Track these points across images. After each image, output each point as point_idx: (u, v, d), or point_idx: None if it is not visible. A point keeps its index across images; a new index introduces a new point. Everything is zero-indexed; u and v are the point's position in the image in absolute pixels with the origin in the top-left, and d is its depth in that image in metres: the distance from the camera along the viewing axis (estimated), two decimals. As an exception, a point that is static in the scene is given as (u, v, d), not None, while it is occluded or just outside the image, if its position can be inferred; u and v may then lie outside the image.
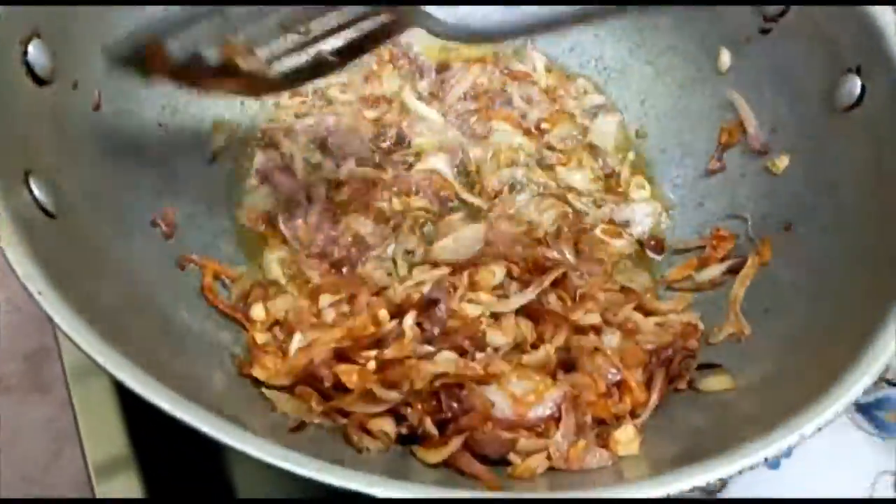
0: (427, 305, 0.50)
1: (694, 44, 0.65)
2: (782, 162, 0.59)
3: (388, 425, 0.46)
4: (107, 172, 0.53)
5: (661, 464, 0.43)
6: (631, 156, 0.66)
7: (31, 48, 0.48)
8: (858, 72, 0.54)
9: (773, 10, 0.60)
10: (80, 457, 0.36)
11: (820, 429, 0.38)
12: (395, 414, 0.47)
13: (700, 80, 0.65)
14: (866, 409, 0.58)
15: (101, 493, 0.51)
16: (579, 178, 0.64)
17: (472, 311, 0.51)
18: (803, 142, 0.58)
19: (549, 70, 0.70)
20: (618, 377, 0.48)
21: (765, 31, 0.61)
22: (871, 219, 0.50)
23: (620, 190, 0.64)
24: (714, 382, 0.49)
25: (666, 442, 0.47)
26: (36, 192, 0.45)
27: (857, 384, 0.39)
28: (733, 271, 0.57)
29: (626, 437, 0.45)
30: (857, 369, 0.40)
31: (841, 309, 0.48)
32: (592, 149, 0.66)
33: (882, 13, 0.53)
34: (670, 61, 0.67)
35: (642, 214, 0.63)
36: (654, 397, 0.49)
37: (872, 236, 0.49)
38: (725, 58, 0.64)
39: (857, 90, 0.54)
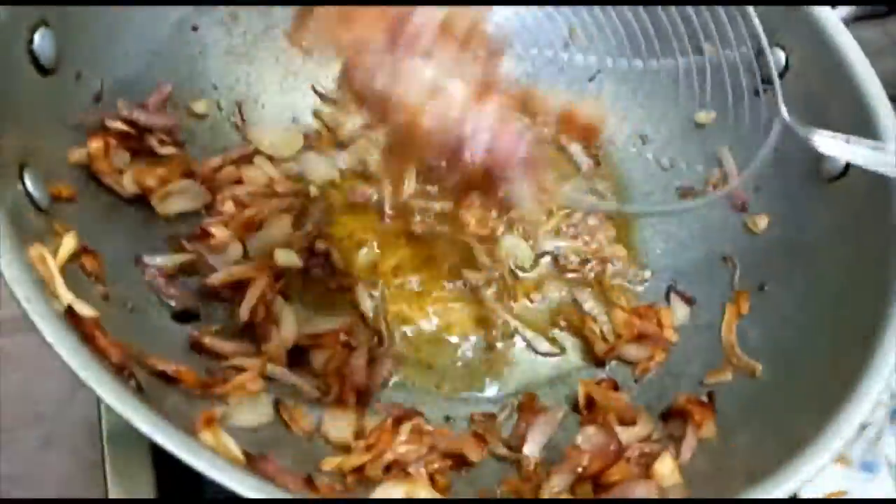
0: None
1: (687, 95, 0.67)
2: (762, 221, 0.61)
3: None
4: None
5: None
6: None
7: (37, 37, 0.48)
8: (846, 145, 0.55)
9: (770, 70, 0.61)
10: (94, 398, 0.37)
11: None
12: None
13: (691, 131, 0.67)
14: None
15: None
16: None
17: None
18: (784, 205, 0.60)
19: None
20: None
21: (758, 93, 0.62)
22: (843, 292, 0.52)
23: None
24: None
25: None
26: (29, 186, 0.45)
27: (815, 462, 0.41)
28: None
29: (668, 469, 0.47)
30: (816, 446, 0.42)
31: (803, 379, 0.49)
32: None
33: (876, 89, 0.55)
34: (664, 109, 0.68)
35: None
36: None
37: (844, 309, 0.51)
38: (703, 116, 0.66)
39: (843, 163, 0.55)
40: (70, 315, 0.39)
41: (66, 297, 0.40)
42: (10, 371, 0.72)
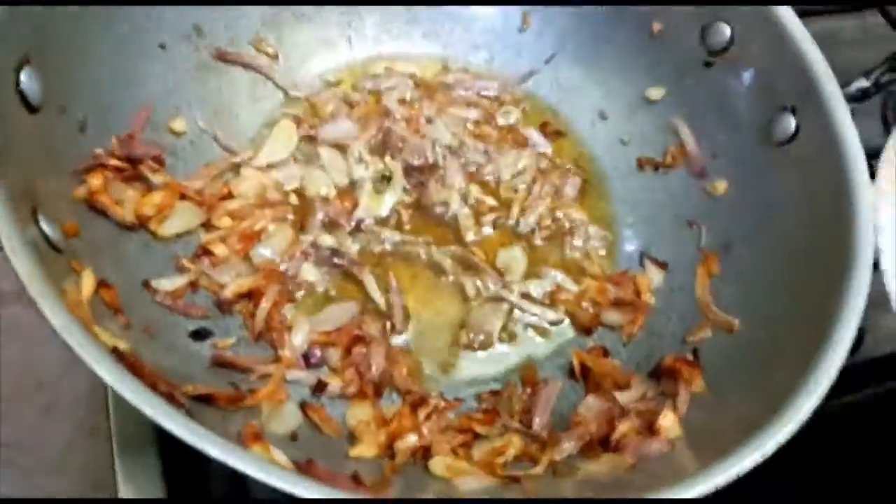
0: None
1: (642, 72, 0.71)
2: (721, 185, 0.65)
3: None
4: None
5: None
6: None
7: (23, 76, 0.48)
8: (794, 111, 0.60)
9: (717, 44, 0.66)
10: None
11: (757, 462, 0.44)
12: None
13: (648, 105, 0.71)
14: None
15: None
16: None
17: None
18: (741, 169, 0.64)
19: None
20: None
21: (708, 65, 0.67)
22: (808, 247, 0.56)
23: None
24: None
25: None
26: (45, 227, 0.46)
27: (802, 408, 0.46)
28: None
29: (670, 422, 0.51)
30: (801, 394, 0.47)
31: (780, 331, 0.54)
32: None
33: (818, 58, 0.59)
34: (619, 87, 0.72)
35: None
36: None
37: (810, 262, 0.55)
38: (655, 92, 0.70)
39: (792, 128, 0.60)
40: (116, 354, 0.41)
41: (105, 336, 0.42)
42: (11, 341, 0.74)
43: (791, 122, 0.60)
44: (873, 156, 0.57)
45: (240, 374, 0.52)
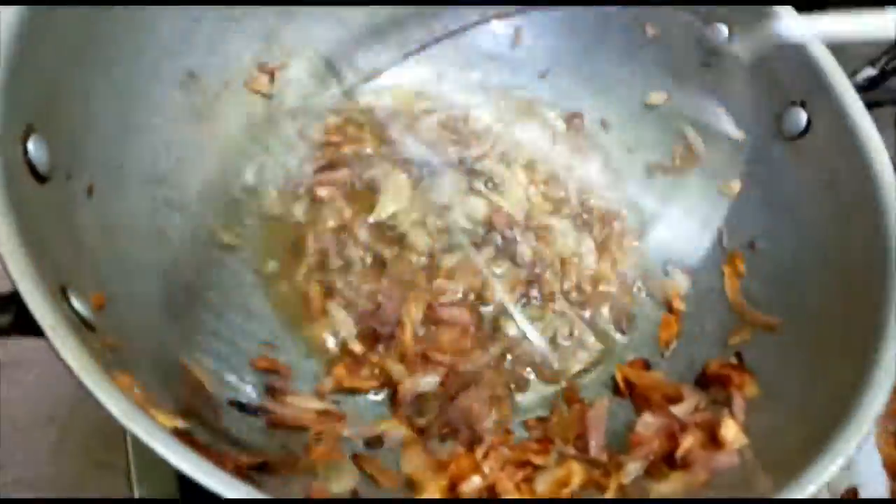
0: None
1: (640, 77, 0.70)
2: (735, 186, 0.65)
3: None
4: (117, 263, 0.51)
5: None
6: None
7: (30, 146, 0.45)
8: (803, 105, 0.60)
9: (714, 44, 0.66)
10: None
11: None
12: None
13: (650, 111, 0.70)
14: None
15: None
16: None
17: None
18: (753, 167, 0.64)
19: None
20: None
21: (706, 65, 0.67)
22: (836, 238, 0.56)
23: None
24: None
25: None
26: (77, 306, 0.43)
27: (872, 406, 0.45)
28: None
29: (733, 432, 0.50)
30: (865, 388, 0.46)
31: (824, 324, 0.54)
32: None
33: (822, 51, 0.59)
34: (619, 95, 0.71)
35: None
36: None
37: (842, 251, 0.55)
38: (656, 97, 0.70)
39: (804, 122, 0.60)
40: (177, 434, 0.38)
41: (164, 418, 0.39)
42: (23, 374, 0.71)
43: (802, 116, 0.60)
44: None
45: (291, 433, 0.50)
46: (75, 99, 0.52)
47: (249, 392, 0.53)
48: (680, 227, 0.67)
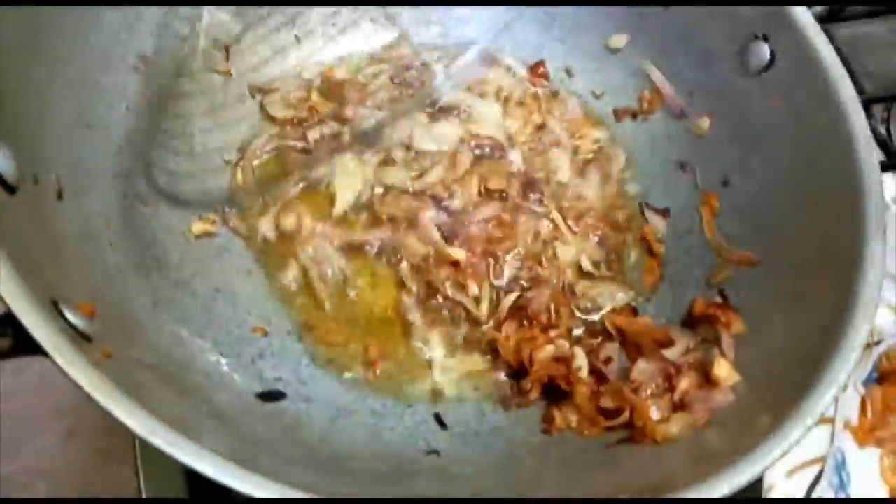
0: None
1: (601, 21, 0.70)
2: (704, 123, 0.66)
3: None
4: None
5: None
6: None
7: (-1, 158, 0.43)
8: (766, 39, 0.61)
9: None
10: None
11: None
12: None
13: (613, 54, 0.70)
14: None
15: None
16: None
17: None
18: (721, 103, 0.65)
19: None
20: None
21: (665, 3, 0.67)
22: (808, 168, 0.57)
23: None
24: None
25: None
26: (72, 319, 0.41)
27: (860, 329, 0.47)
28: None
29: (725, 370, 0.52)
30: (850, 316, 0.47)
31: (801, 256, 0.56)
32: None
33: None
34: (581, 41, 0.71)
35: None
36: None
37: (813, 182, 0.56)
38: (617, 39, 0.70)
39: (767, 56, 0.61)
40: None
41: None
42: (29, 366, 0.69)
43: (765, 50, 0.61)
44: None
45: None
46: (30, 99, 0.50)
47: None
48: (653, 169, 0.68)
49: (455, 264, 0.60)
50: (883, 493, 0.57)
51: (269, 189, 0.62)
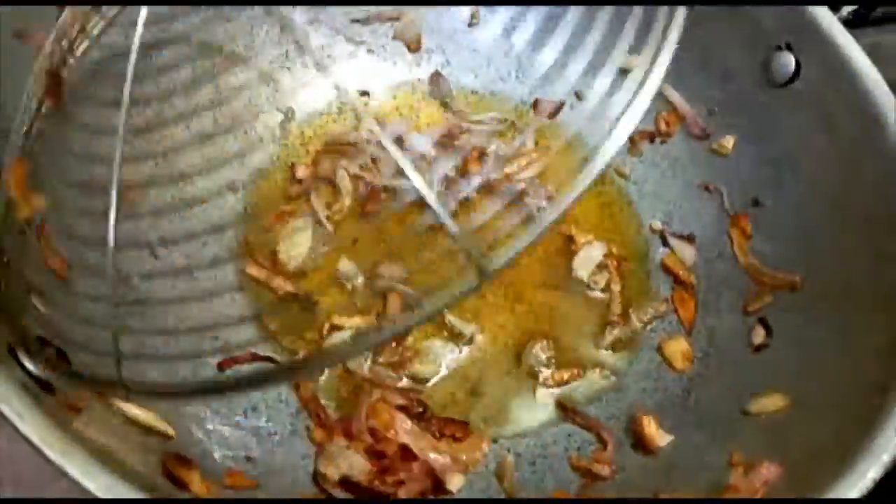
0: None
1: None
2: (728, 142, 0.61)
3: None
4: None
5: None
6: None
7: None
8: (790, 48, 0.57)
9: (686, -4, 0.62)
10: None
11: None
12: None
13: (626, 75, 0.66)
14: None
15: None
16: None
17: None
18: (745, 120, 0.60)
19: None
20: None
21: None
22: (836, 181, 0.53)
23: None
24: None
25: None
26: (29, 366, 0.36)
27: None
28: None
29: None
30: None
31: (843, 270, 0.51)
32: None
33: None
34: (592, 62, 0.67)
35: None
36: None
37: (850, 195, 0.52)
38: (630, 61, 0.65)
39: (792, 66, 0.57)
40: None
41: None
42: None
43: (790, 60, 0.57)
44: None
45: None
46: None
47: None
48: (674, 194, 0.63)
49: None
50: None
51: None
